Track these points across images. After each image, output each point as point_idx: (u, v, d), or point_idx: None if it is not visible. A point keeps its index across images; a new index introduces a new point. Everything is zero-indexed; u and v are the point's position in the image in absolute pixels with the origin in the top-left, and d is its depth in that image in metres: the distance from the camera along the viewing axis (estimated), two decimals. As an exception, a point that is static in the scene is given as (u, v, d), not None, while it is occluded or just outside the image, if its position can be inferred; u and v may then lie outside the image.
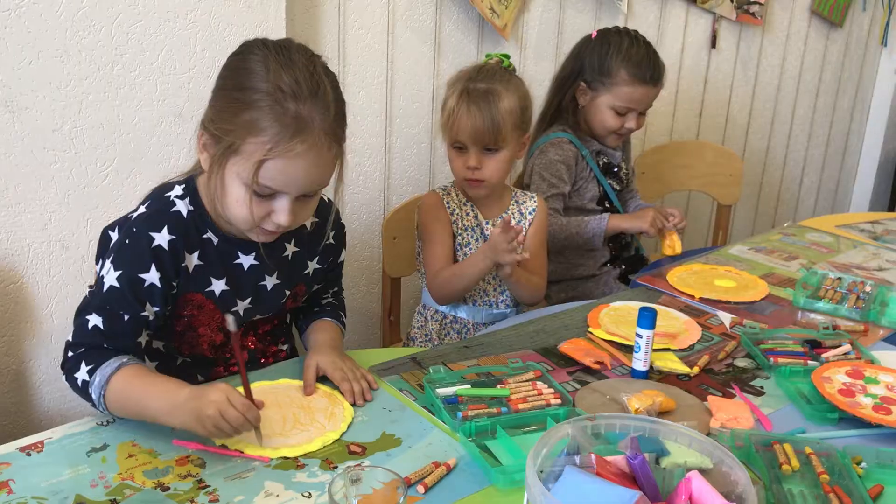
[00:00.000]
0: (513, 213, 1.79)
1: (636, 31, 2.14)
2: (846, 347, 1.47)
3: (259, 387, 1.28)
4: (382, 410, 1.24)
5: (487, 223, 1.76)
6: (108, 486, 1.03)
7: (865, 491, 1.07)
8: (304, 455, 1.11)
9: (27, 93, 1.58)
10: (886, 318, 1.64)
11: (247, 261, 1.32)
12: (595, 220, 2.05)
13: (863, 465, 1.15)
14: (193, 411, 1.09)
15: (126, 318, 1.21)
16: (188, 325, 1.32)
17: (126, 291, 1.21)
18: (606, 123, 2.10)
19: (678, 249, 2.03)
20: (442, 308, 1.79)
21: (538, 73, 2.43)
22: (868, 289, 1.76)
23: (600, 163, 2.15)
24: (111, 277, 1.21)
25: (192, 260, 1.26)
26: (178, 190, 1.28)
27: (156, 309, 1.24)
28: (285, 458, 1.11)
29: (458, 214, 1.75)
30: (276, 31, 1.83)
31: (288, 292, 1.39)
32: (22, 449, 1.10)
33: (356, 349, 2.28)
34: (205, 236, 1.28)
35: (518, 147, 1.72)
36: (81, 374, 1.18)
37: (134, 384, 1.15)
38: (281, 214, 1.19)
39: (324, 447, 1.13)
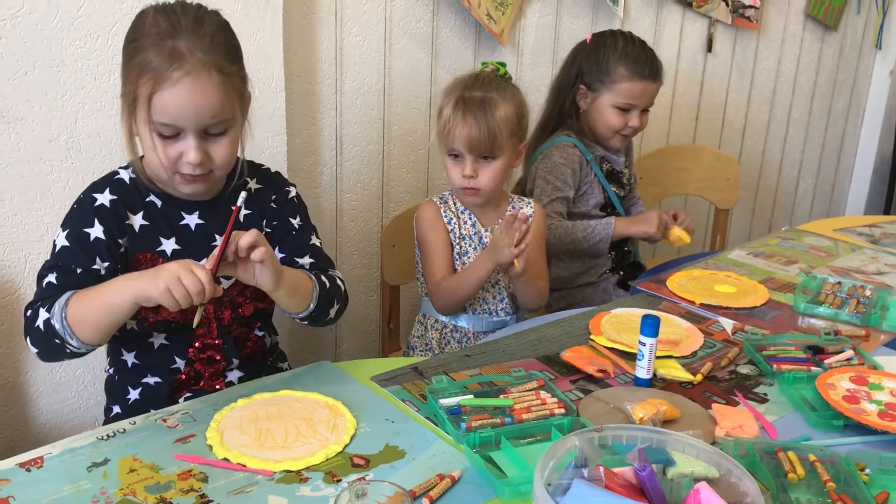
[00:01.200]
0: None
1: (630, 32, 2.15)
2: (849, 353, 1.46)
3: (259, 398, 1.27)
4: (385, 422, 1.23)
5: (486, 231, 1.75)
6: (109, 501, 1.02)
7: (872, 498, 1.06)
8: (308, 468, 1.10)
9: (23, 103, 1.57)
10: (888, 322, 1.64)
11: (192, 220, 1.37)
12: (602, 225, 2.04)
13: (866, 471, 1.14)
14: (150, 277, 1.15)
15: (78, 271, 1.27)
16: None
17: (74, 247, 1.28)
18: (610, 123, 2.09)
19: (686, 239, 2.03)
20: (442, 317, 1.78)
21: (535, 79, 2.43)
22: (868, 293, 1.76)
23: (604, 169, 2.15)
24: (61, 239, 1.30)
25: (137, 220, 1.34)
26: (123, 164, 1.37)
27: (106, 264, 1.29)
28: (288, 471, 1.09)
29: (455, 223, 1.74)
30: (274, 39, 1.82)
31: None
32: (21, 465, 1.09)
33: (355, 358, 2.29)
34: (148, 199, 1.35)
35: (514, 155, 1.71)
36: (41, 317, 1.22)
37: (90, 291, 1.21)
38: (189, 152, 1.24)
39: (327, 460, 1.12)
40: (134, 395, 1.41)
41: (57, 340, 1.21)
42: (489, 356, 1.46)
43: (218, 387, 1.41)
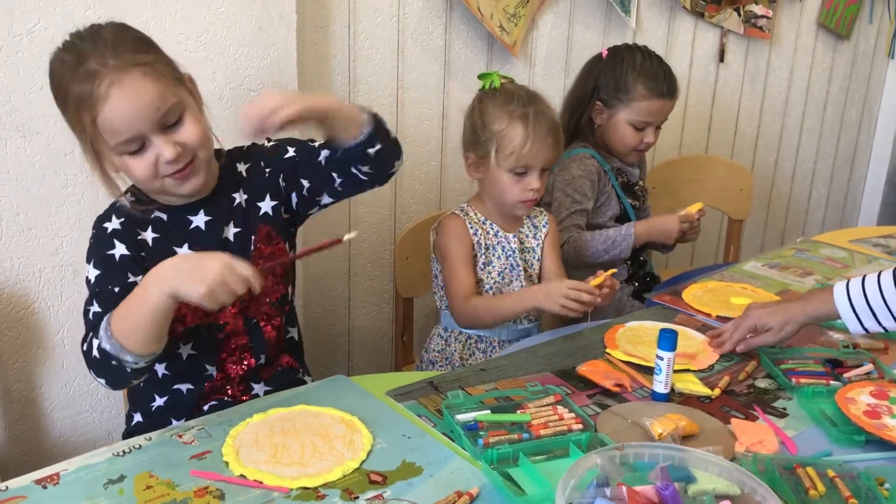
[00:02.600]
0: (528, 227, 1.80)
1: (646, 47, 2.13)
2: (868, 367, 1.45)
3: (274, 414, 1.27)
4: (402, 437, 1.22)
5: (514, 236, 1.77)
6: (126, 519, 1.02)
7: (896, 515, 1.05)
8: (324, 485, 1.10)
9: (39, 117, 1.57)
10: (907, 335, 1.62)
11: (200, 220, 1.37)
12: (622, 235, 2.01)
13: (886, 485, 1.13)
14: (193, 270, 1.13)
15: (117, 290, 1.27)
16: None
17: (105, 271, 1.30)
18: (626, 140, 2.09)
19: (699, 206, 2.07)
20: (466, 329, 1.78)
21: (548, 90, 2.42)
22: (886, 305, 1.74)
23: (620, 181, 2.14)
24: (92, 271, 1.31)
25: (148, 235, 1.34)
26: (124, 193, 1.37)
27: (139, 277, 1.29)
28: (305, 488, 1.09)
29: (480, 234, 1.74)
30: (287, 52, 1.82)
31: (253, 237, 1.40)
32: (38, 481, 1.09)
33: (368, 371, 2.28)
34: (153, 216, 1.35)
35: None
36: (94, 346, 1.22)
37: (124, 303, 1.20)
38: (163, 151, 1.23)
39: (344, 476, 1.11)
40: (159, 402, 1.42)
41: (114, 362, 1.19)
42: (505, 370, 1.46)
43: (245, 398, 1.42)
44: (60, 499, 1.06)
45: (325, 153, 1.41)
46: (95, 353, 1.20)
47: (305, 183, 1.42)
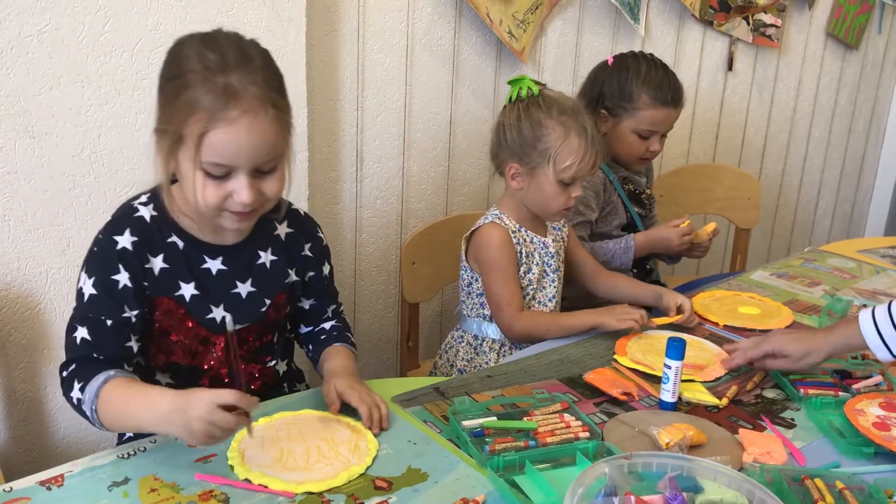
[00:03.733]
0: (550, 228, 1.81)
1: (652, 55, 2.12)
2: (877, 378, 1.44)
3: (280, 418, 1.27)
4: (407, 443, 1.21)
5: (552, 240, 1.78)
6: (130, 522, 1.01)
7: (905, 528, 1.04)
8: (330, 490, 1.09)
9: (47, 118, 1.57)
10: (916, 347, 1.61)
11: (214, 265, 1.31)
12: (622, 248, 2.01)
13: (895, 498, 1.12)
14: (181, 426, 1.09)
15: (109, 322, 1.23)
16: (161, 329, 1.31)
17: (103, 296, 1.24)
18: (631, 148, 2.07)
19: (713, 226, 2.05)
20: (497, 336, 1.77)
21: (555, 97, 2.42)
22: (895, 317, 1.73)
23: (626, 189, 2.13)
24: (88, 286, 1.24)
25: (157, 263, 1.27)
26: (142, 198, 1.30)
27: (135, 312, 1.25)
28: (310, 493, 1.08)
29: (520, 242, 1.73)
30: (296, 56, 1.82)
31: (268, 301, 1.36)
32: (42, 483, 1.09)
33: (373, 376, 2.27)
34: (169, 240, 1.29)
35: None
36: (75, 392, 1.20)
37: (118, 398, 1.17)
38: (241, 192, 1.17)
39: (349, 482, 1.11)
40: None
41: (85, 418, 1.21)
42: (511, 377, 1.45)
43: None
44: (64, 501, 1.05)
45: (330, 310, 1.49)
46: (73, 397, 1.20)
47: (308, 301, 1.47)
